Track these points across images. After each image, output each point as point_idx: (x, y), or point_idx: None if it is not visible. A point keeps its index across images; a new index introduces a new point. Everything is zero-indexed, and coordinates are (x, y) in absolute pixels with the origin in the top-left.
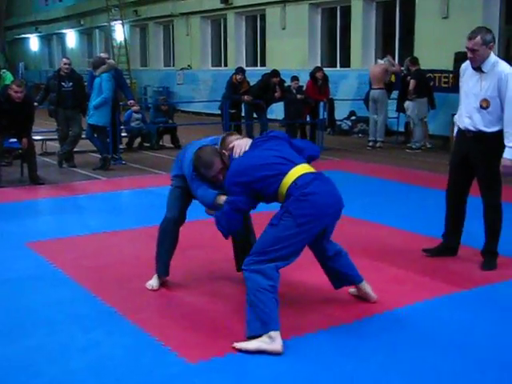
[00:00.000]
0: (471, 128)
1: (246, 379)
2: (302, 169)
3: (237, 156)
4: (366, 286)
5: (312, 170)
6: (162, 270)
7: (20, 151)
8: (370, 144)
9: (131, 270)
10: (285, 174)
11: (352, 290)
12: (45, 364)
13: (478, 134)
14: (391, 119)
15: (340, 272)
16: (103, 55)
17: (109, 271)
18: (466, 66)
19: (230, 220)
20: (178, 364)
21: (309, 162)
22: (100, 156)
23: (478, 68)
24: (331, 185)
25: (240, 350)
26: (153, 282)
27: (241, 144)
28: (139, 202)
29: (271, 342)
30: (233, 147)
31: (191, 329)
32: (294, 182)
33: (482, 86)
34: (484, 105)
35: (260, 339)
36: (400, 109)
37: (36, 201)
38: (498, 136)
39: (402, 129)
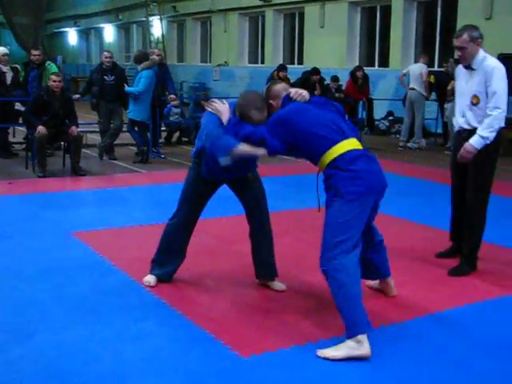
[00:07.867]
0: (465, 126)
1: (298, 374)
2: (353, 144)
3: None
4: (391, 281)
5: (360, 147)
6: (166, 277)
7: (63, 142)
8: (401, 144)
9: None
10: (336, 142)
11: (371, 283)
12: (99, 351)
13: (472, 133)
14: (429, 120)
15: (376, 264)
16: (156, 51)
17: None
18: (460, 67)
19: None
20: (230, 357)
21: None
22: (136, 149)
23: (468, 66)
24: (377, 164)
25: (326, 359)
26: (150, 279)
27: (300, 92)
28: None
29: (359, 346)
30: (286, 95)
31: (243, 323)
32: (342, 154)
33: (472, 82)
34: (474, 101)
35: (347, 345)
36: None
37: (79, 191)
38: None
39: (440, 130)
